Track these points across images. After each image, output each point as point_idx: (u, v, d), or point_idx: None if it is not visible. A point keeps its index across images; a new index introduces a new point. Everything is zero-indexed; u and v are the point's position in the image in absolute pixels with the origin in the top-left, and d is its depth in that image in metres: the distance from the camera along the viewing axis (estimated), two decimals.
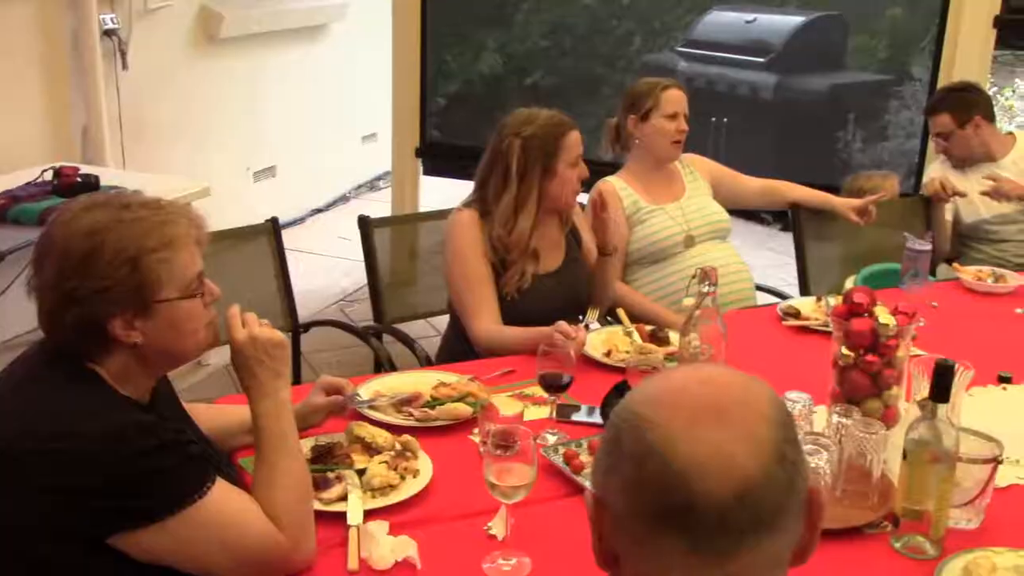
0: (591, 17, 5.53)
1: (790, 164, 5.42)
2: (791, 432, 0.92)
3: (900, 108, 5.18)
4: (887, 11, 5.15)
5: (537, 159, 2.55)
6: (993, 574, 1.56)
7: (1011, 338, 2.66)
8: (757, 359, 2.42)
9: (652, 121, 2.99)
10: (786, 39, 5.73)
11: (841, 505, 1.78)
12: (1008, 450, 1.97)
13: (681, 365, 0.94)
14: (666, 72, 5.75)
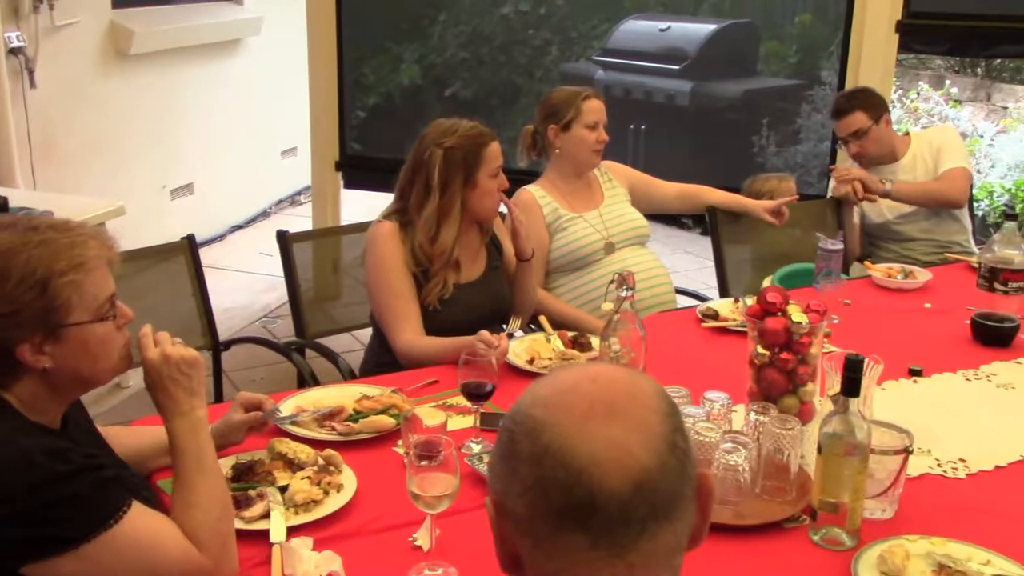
0: (508, 28, 5.56)
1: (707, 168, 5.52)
2: (679, 422, 0.95)
3: (811, 112, 5.30)
4: (796, 17, 5.28)
5: (459, 170, 2.55)
6: (907, 561, 1.61)
7: (921, 332, 2.73)
8: (677, 361, 2.46)
9: (573, 131, 3.02)
10: (699, 46, 5.83)
11: (761, 500, 1.81)
12: (919, 440, 2.03)
13: (567, 366, 0.95)
14: (584, 81, 5.81)
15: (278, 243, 3.07)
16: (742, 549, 1.70)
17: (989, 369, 2.48)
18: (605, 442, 0.90)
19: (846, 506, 1.69)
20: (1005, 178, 5.90)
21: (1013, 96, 6.92)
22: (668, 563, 0.94)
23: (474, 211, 2.61)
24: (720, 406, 1.93)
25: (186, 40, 5.82)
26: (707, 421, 1.85)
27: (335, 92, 5.00)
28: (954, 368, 2.47)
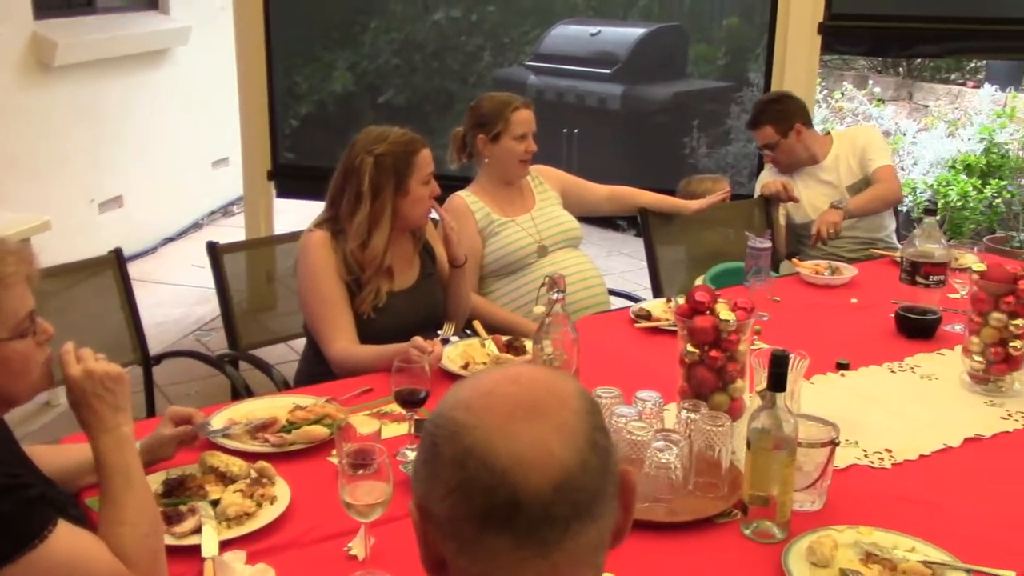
0: (440, 34, 5.57)
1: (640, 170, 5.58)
2: (599, 420, 0.96)
3: (741, 113, 5.38)
4: (724, 20, 5.36)
5: (389, 177, 2.55)
6: (835, 551, 1.64)
7: (848, 327, 2.79)
8: (611, 362, 2.48)
9: (502, 143, 3.03)
10: (630, 50, 5.89)
11: (693, 497, 1.83)
12: (847, 433, 2.08)
13: (487, 369, 0.95)
14: (517, 86, 5.84)
15: (208, 254, 3.03)
16: (676, 546, 1.72)
17: (913, 361, 2.54)
18: (527, 443, 0.90)
19: (776, 499, 1.72)
20: (927, 174, 6.04)
21: (933, 95, 7.10)
22: (592, 560, 0.94)
23: (405, 218, 2.60)
24: (652, 405, 1.95)
25: (111, 51, 5.72)
26: (639, 420, 1.87)
27: (265, 101, 4.96)
28: (880, 361, 2.53)
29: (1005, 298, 2.29)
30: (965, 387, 2.38)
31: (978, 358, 2.35)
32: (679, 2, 5.56)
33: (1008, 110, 6.35)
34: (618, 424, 1.86)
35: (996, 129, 6.18)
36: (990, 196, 5.82)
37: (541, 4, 5.77)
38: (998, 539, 1.72)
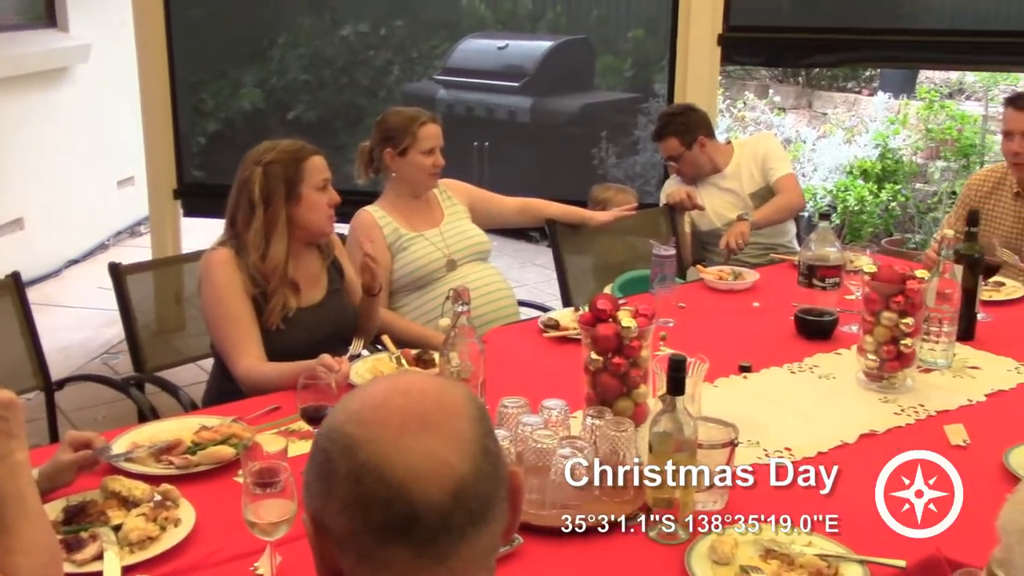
0: (349, 49, 5.55)
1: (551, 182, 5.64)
2: (488, 426, 0.98)
3: (647, 123, 5.48)
4: (630, 33, 5.45)
5: (279, 183, 2.54)
6: (735, 549, 1.69)
7: (750, 330, 2.86)
8: (519, 372, 2.51)
9: (409, 157, 3.04)
10: (537, 63, 5.95)
11: (600, 502, 1.86)
12: (748, 433, 2.14)
13: (375, 380, 1.03)
14: (426, 100, 5.86)
15: (111, 276, 2.98)
16: (583, 551, 1.75)
17: (812, 361, 2.62)
18: (421, 455, 0.92)
19: (678, 501, 1.76)
20: (827, 180, 6.24)
21: (832, 103, 7.33)
22: (485, 563, 0.97)
23: (303, 226, 2.59)
24: (558, 413, 1.98)
25: (8, 70, 5.57)
26: (545, 428, 1.90)
27: (170, 119, 4.89)
28: (780, 362, 2.60)
29: (895, 298, 2.37)
30: (861, 385, 2.46)
31: (872, 357, 2.43)
32: (585, 15, 5.64)
33: (901, 117, 6.60)
34: (524, 433, 1.88)
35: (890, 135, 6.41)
36: (886, 200, 6.03)
37: (449, 18, 5.79)
38: (890, 530, 1.78)
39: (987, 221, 3.41)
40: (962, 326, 2.67)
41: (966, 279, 2.68)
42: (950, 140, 6.36)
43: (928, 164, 6.46)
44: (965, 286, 2.67)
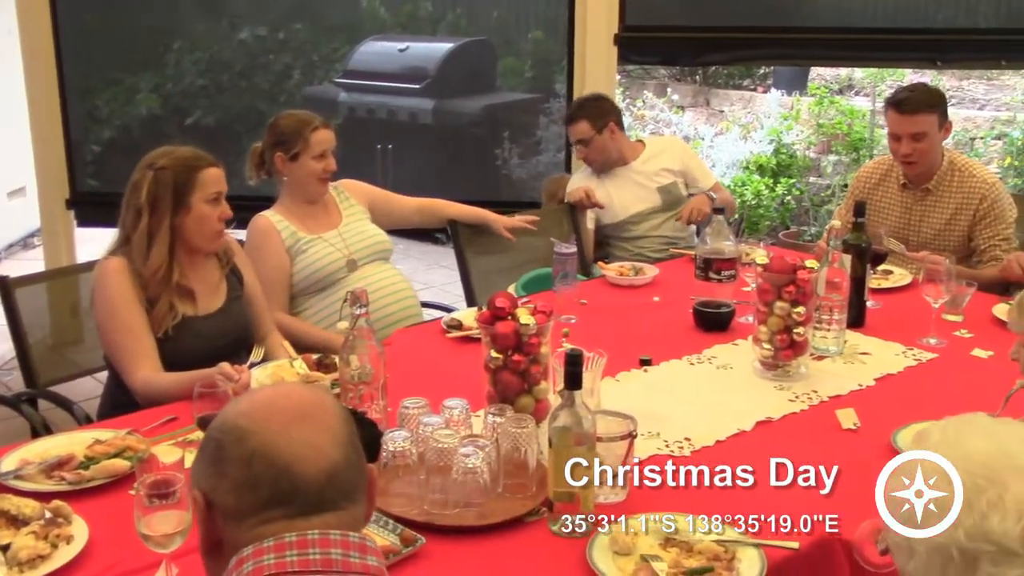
0: (247, 53, 5.48)
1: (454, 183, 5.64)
2: (353, 428, 1.19)
3: (549, 124, 5.53)
4: (529, 34, 5.49)
5: (168, 190, 2.49)
6: (635, 539, 1.71)
7: (651, 324, 2.91)
8: (422, 373, 2.51)
9: (301, 162, 3.02)
10: (438, 65, 5.95)
11: (503, 499, 1.88)
12: (649, 425, 2.17)
13: (261, 388, 1.32)
14: (327, 103, 5.81)
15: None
16: (487, 548, 1.75)
17: (711, 352, 2.68)
18: (303, 442, 1.12)
19: (579, 494, 1.78)
20: (724, 176, 6.37)
21: (728, 100, 7.50)
22: (352, 528, 1.14)
23: (189, 237, 2.55)
24: (459, 412, 1.99)
25: None
26: (446, 428, 1.90)
27: (60, 127, 4.74)
28: (680, 355, 2.65)
29: (787, 288, 2.44)
30: (757, 374, 2.52)
31: (767, 346, 2.49)
32: (486, 17, 5.67)
33: (794, 113, 6.78)
34: (425, 433, 1.88)
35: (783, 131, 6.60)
36: (781, 194, 6.20)
37: (349, 21, 5.76)
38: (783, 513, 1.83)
39: (876, 212, 3.53)
40: (852, 314, 2.76)
41: (855, 268, 2.77)
42: (841, 134, 6.57)
43: (821, 158, 6.66)
44: (854, 275, 2.76)
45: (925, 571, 1.19)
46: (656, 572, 1.62)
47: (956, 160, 3.45)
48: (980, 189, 3.35)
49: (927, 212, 3.44)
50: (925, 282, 2.76)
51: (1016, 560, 1.14)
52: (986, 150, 6.29)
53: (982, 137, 6.40)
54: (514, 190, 5.59)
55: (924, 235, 3.43)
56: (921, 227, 3.45)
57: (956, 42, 4.88)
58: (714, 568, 1.65)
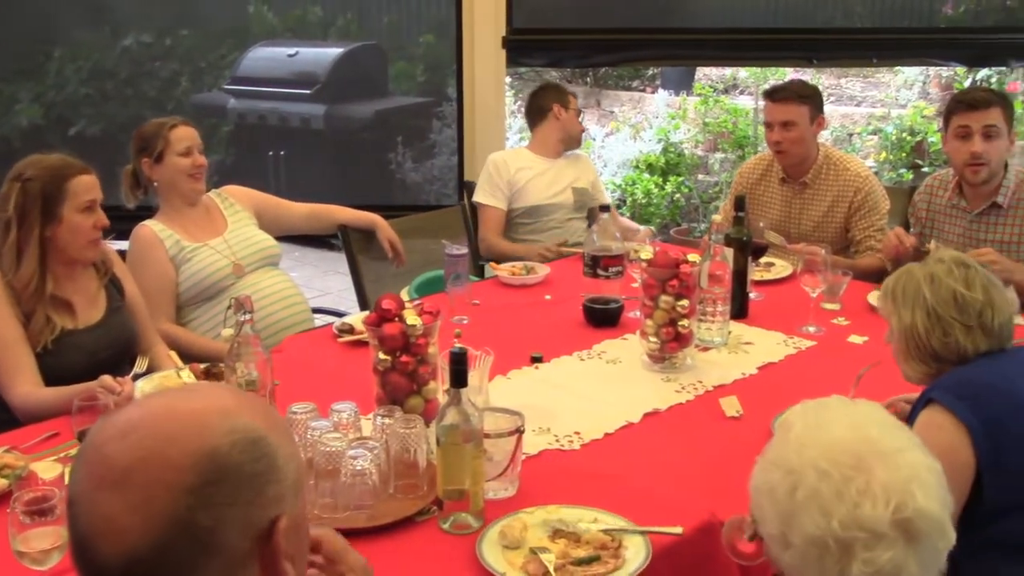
0: (132, 60, 5.37)
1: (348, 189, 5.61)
2: (212, 491, 0.93)
3: (442, 127, 5.55)
4: (421, 38, 5.49)
5: (36, 202, 2.43)
6: (525, 532, 1.74)
7: (542, 322, 2.94)
8: (313, 378, 2.49)
9: (167, 161, 2.97)
10: (329, 70, 5.92)
11: (395, 500, 1.88)
12: (540, 420, 2.21)
13: (134, 404, 1.00)
14: (217, 110, 5.72)
15: None
16: (378, 549, 1.75)
17: (600, 348, 2.73)
18: (101, 516, 0.90)
19: (469, 491, 1.80)
20: (616, 175, 6.49)
21: (618, 101, 7.63)
22: None
23: (63, 248, 2.48)
24: (348, 415, 1.98)
25: None
26: (334, 431, 1.90)
27: None
28: (570, 351, 2.69)
29: (670, 282, 2.50)
30: (645, 367, 2.57)
31: (653, 339, 2.55)
32: (376, 21, 5.65)
33: (680, 112, 6.94)
34: (313, 437, 1.87)
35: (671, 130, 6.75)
36: (671, 192, 6.33)
37: (236, 26, 5.68)
38: (669, 500, 1.88)
39: (757, 206, 3.64)
40: (735, 305, 2.84)
41: (737, 261, 2.86)
42: (726, 132, 6.75)
43: (708, 156, 6.83)
44: (736, 268, 2.84)
45: (801, 561, 1.23)
46: (544, 563, 1.65)
47: (831, 155, 3.59)
48: (854, 182, 3.48)
49: (805, 205, 3.57)
50: (803, 272, 2.86)
51: (886, 542, 1.19)
52: (863, 145, 6.54)
53: (859, 133, 6.66)
54: (409, 194, 5.59)
55: (804, 227, 3.55)
56: (801, 220, 3.58)
57: (831, 41, 5.08)
58: (601, 557, 1.68)
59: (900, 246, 3.14)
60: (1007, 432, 1.78)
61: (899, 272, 1.98)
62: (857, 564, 1.18)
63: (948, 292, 1.87)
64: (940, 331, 1.87)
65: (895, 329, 1.97)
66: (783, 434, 1.30)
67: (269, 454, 0.97)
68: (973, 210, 3.16)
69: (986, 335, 1.86)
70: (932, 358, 1.91)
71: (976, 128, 3.02)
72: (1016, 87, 6.38)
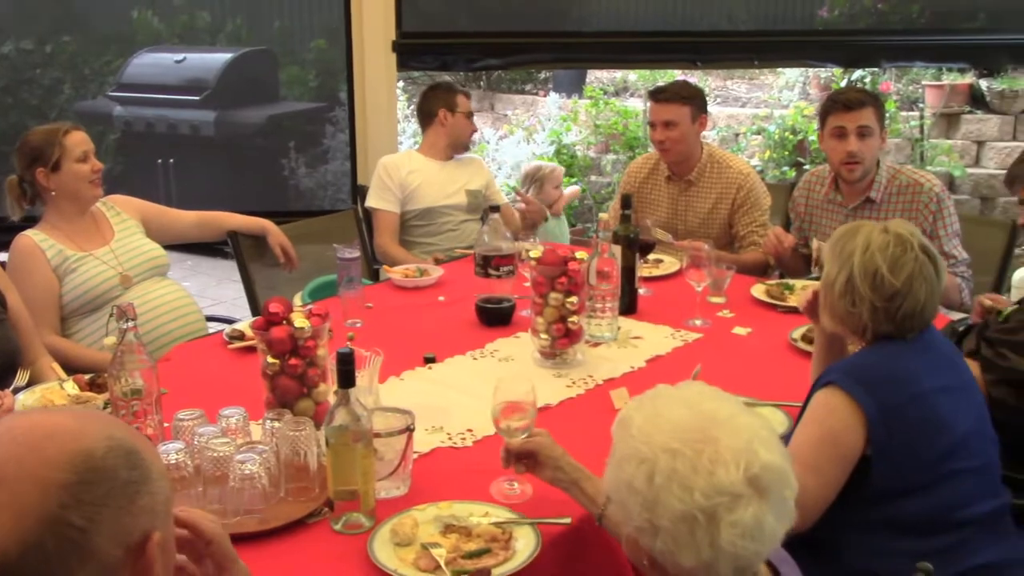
0: (11, 67, 5.23)
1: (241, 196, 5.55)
2: (86, 490, 0.93)
3: (336, 132, 5.53)
4: (312, 43, 5.47)
5: None
6: (416, 529, 1.75)
7: (436, 323, 2.95)
8: (203, 385, 2.47)
9: (64, 168, 2.90)
10: (218, 75, 5.84)
11: (286, 503, 1.87)
12: (432, 419, 2.23)
13: (16, 414, 0.97)
14: (102, 118, 5.59)
15: None
16: (269, 553, 1.75)
17: (493, 346, 2.75)
18: None
19: (360, 492, 1.80)
20: (510, 178, 6.54)
21: (512, 104, 7.69)
22: None
23: None
24: (236, 420, 1.97)
25: None
26: (222, 436, 1.88)
27: None
28: (464, 350, 2.71)
29: (559, 279, 2.54)
30: (537, 363, 2.61)
31: (544, 336, 2.59)
32: (267, 26, 5.60)
33: (572, 115, 7.04)
34: (200, 443, 1.86)
35: (564, 132, 6.84)
36: None
37: (120, 33, 5.57)
38: (560, 492, 1.91)
39: (645, 204, 3.73)
40: (625, 301, 2.91)
41: (625, 257, 2.92)
42: (617, 134, 6.86)
43: (600, 157, 6.93)
44: (624, 264, 2.91)
45: (674, 542, 1.27)
46: (435, 558, 1.66)
47: (714, 153, 3.69)
48: (736, 179, 3.59)
49: (691, 202, 3.66)
50: (689, 268, 2.94)
51: (744, 500, 1.25)
52: (748, 144, 6.73)
53: (744, 132, 6.85)
54: (303, 200, 5.55)
55: (690, 224, 3.65)
56: (687, 217, 3.67)
57: (715, 44, 5.22)
58: (491, 549, 1.70)
59: (779, 246, 3.26)
60: (901, 421, 1.86)
61: (852, 225, 2.03)
62: (725, 528, 1.24)
63: (872, 267, 1.92)
64: (851, 299, 1.95)
65: (823, 276, 2.04)
66: (624, 431, 1.34)
67: (143, 466, 0.99)
68: (848, 205, 3.29)
69: (888, 320, 1.93)
70: (837, 318, 1.99)
71: (851, 128, 3.15)
72: (888, 87, 6.65)
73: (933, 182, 3.21)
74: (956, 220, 3.22)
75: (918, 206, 3.18)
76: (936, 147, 6.33)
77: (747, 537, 1.24)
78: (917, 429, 1.87)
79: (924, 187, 3.19)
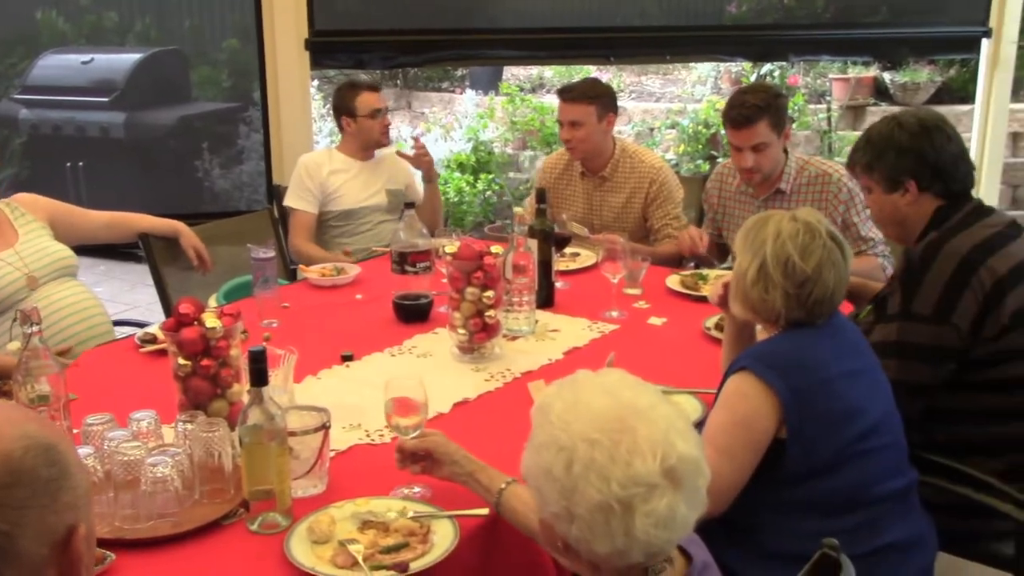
0: None
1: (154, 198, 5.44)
2: (7, 494, 0.93)
3: (250, 132, 5.45)
4: (224, 43, 5.38)
5: None
6: (333, 526, 1.75)
7: (354, 321, 2.94)
8: (113, 390, 2.42)
9: None
10: (127, 76, 5.73)
11: (201, 505, 1.85)
12: (350, 417, 2.22)
13: None
14: (8, 122, 5.43)
15: None
16: (183, 556, 1.73)
17: (411, 343, 2.75)
18: None
19: (275, 491, 1.79)
20: None
21: (429, 102, 7.68)
22: None
23: None
24: (147, 424, 1.94)
25: None
26: (133, 440, 1.85)
27: None
28: (382, 347, 2.70)
29: (475, 274, 2.55)
30: (455, 358, 2.62)
31: (462, 331, 2.59)
32: (177, 26, 5.49)
33: (489, 111, 7.06)
34: (110, 447, 1.82)
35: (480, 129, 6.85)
36: (483, 190, 6.44)
37: (24, 34, 5.42)
38: None
39: (561, 199, 3.76)
40: (542, 295, 2.93)
41: (541, 251, 2.95)
42: (534, 130, 6.90)
43: (518, 154, 6.97)
44: (541, 258, 2.93)
45: (589, 530, 1.28)
46: (353, 554, 1.66)
47: (627, 148, 3.74)
48: (649, 173, 3.64)
49: (605, 197, 3.71)
50: (604, 260, 2.98)
51: (659, 491, 1.27)
52: (663, 138, 6.83)
53: (659, 127, 6.94)
54: (218, 201, 5.47)
55: (605, 218, 3.69)
56: (602, 211, 3.71)
57: (627, 39, 5.28)
58: (409, 543, 1.71)
59: (695, 247, 3.32)
60: (812, 406, 1.91)
61: (762, 215, 2.07)
62: (639, 518, 1.25)
63: (784, 255, 1.96)
64: (764, 286, 1.98)
65: (734, 266, 2.07)
66: (543, 417, 1.34)
67: (61, 461, 0.98)
68: (760, 196, 3.36)
69: (800, 306, 1.97)
70: (750, 305, 2.03)
71: (744, 146, 3.20)
72: (796, 80, 6.81)
73: (840, 172, 3.29)
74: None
75: (828, 196, 3.26)
76: (843, 139, 6.50)
77: (660, 526, 1.26)
78: (827, 413, 1.92)
79: (833, 177, 3.27)
